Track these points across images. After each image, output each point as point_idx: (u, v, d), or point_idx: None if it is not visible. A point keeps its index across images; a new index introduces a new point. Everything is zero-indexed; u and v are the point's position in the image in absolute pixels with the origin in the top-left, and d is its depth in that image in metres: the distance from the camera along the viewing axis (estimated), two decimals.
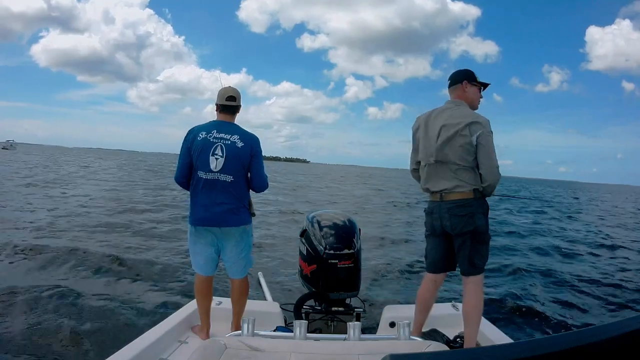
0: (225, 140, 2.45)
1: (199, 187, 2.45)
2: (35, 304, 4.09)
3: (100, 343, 3.38)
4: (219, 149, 2.43)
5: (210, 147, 2.43)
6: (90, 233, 7.79)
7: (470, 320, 2.29)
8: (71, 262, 5.73)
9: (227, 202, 2.45)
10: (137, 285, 4.99)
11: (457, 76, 2.43)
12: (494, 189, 2.28)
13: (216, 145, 2.43)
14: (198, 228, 2.51)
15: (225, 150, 2.43)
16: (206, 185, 2.44)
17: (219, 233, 2.50)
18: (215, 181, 2.43)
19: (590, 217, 18.68)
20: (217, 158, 2.42)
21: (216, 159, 2.42)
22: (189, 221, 2.55)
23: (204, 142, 2.44)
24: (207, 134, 2.46)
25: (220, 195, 2.44)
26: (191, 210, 2.52)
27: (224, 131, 2.48)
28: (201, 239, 2.53)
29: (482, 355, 0.59)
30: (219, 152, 2.43)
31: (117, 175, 26.78)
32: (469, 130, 2.21)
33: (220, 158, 2.42)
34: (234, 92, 2.58)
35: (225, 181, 2.43)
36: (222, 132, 2.47)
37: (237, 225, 2.50)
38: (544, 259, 7.83)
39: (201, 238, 2.52)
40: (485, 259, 2.33)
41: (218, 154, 2.43)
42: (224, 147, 2.43)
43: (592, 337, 0.57)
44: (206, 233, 2.51)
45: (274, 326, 2.51)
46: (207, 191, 2.44)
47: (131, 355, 1.99)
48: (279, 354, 1.30)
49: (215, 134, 2.45)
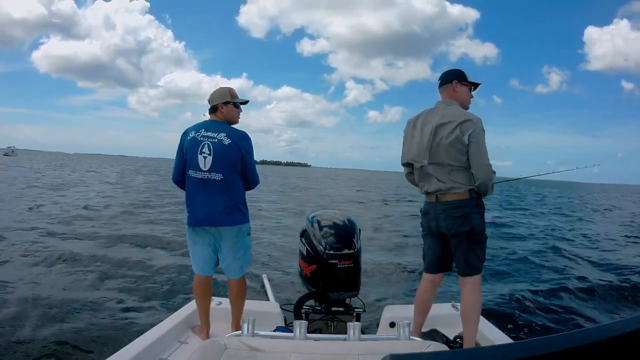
0: (212, 139, 2.45)
1: (191, 186, 2.48)
2: (35, 304, 4.09)
3: (101, 343, 3.38)
4: (206, 147, 2.43)
5: (198, 145, 2.44)
6: (90, 233, 7.80)
7: (468, 320, 2.28)
8: (71, 262, 5.73)
9: (219, 202, 2.45)
10: (137, 285, 4.99)
11: (447, 76, 2.42)
12: (489, 187, 2.26)
13: (203, 144, 2.44)
14: (195, 228, 2.52)
15: (212, 149, 2.43)
16: (198, 185, 2.45)
17: (215, 233, 2.50)
18: (206, 180, 2.44)
19: (587, 215, 18.69)
20: (205, 157, 2.42)
21: (204, 158, 2.42)
22: (186, 222, 2.57)
23: (193, 141, 2.45)
24: (195, 133, 2.47)
25: (213, 194, 2.45)
26: (187, 211, 2.54)
27: (211, 130, 2.48)
28: (198, 239, 2.53)
29: (482, 355, 0.59)
30: (206, 151, 2.43)
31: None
32: (460, 130, 2.20)
33: (208, 156, 2.42)
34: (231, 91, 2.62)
35: (215, 180, 2.44)
36: (209, 131, 2.47)
37: (231, 225, 2.50)
38: (544, 259, 7.82)
39: (198, 238, 2.53)
40: (482, 259, 2.32)
41: (205, 152, 2.43)
42: (210, 145, 2.44)
43: (592, 337, 0.57)
44: (203, 233, 2.51)
45: (274, 326, 2.51)
46: (200, 191, 2.46)
47: (131, 355, 1.98)
48: (279, 354, 1.30)
49: (203, 133, 2.47)
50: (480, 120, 2.26)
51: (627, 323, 0.59)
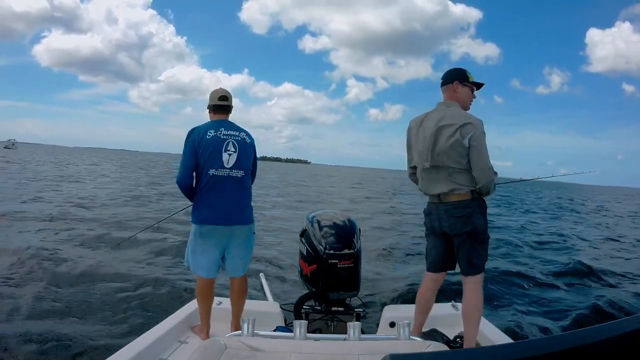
0: (236, 137, 2.51)
1: (209, 184, 2.44)
2: (34, 305, 4.09)
3: (101, 343, 3.38)
4: (231, 145, 2.48)
5: (222, 143, 2.46)
6: (88, 233, 7.79)
7: (469, 320, 2.28)
8: (70, 262, 5.73)
9: (236, 199, 2.49)
10: (137, 285, 4.98)
11: (448, 76, 2.41)
12: (490, 189, 2.27)
13: (227, 142, 2.48)
14: (206, 227, 2.47)
15: (238, 146, 2.49)
16: (216, 182, 2.44)
17: (226, 232, 2.49)
18: (226, 177, 2.46)
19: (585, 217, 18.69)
20: (230, 154, 2.47)
21: (229, 155, 2.47)
22: (194, 221, 2.50)
23: (215, 139, 2.46)
24: (215, 131, 2.48)
25: (232, 191, 2.47)
26: (198, 210, 2.48)
27: (231, 129, 2.53)
28: (207, 240, 2.48)
29: (482, 355, 0.59)
30: (232, 148, 2.48)
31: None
32: (460, 133, 2.20)
33: (234, 154, 2.48)
34: (226, 92, 2.62)
35: (236, 177, 2.48)
36: (230, 130, 2.52)
37: (245, 224, 2.53)
38: (544, 258, 7.82)
39: (207, 238, 2.48)
40: (484, 259, 2.32)
41: (231, 149, 2.48)
42: (235, 143, 2.49)
43: (592, 337, 0.57)
44: (213, 233, 2.47)
45: (274, 326, 2.51)
46: (219, 189, 2.45)
47: (131, 355, 1.98)
48: (279, 354, 1.30)
49: (224, 131, 2.50)
50: (480, 123, 2.25)
51: (627, 323, 0.59)
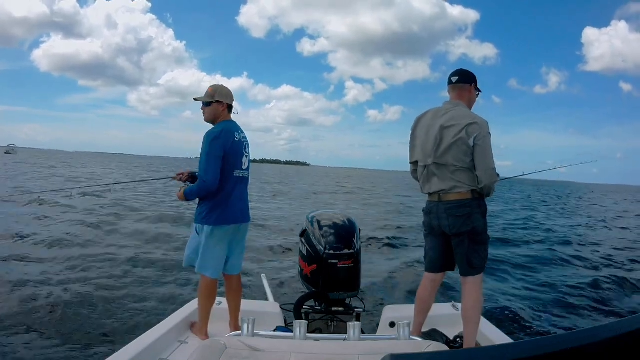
0: (246, 139, 2.61)
1: (235, 186, 2.51)
2: (33, 304, 4.10)
3: (101, 343, 3.38)
4: (247, 148, 2.59)
5: (242, 146, 2.55)
6: (89, 233, 7.79)
7: (469, 320, 2.28)
8: (69, 262, 5.73)
9: (246, 198, 2.63)
10: (137, 285, 4.98)
11: (467, 77, 2.42)
12: (492, 189, 2.27)
13: (244, 144, 2.57)
14: (222, 228, 2.46)
15: (249, 149, 2.61)
16: (238, 184, 2.53)
17: (235, 230, 2.54)
18: (243, 179, 2.57)
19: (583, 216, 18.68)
20: (247, 156, 2.58)
21: (246, 157, 2.57)
22: (210, 222, 2.44)
23: (239, 142, 2.53)
24: (238, 134, 2.54)
25: (244, 192, 2.61)
26: (219, 211, 2.44)
27: (242, 131, 2.61)
28: (220, 240, 2.48)
29: (482, 355, 0.59)
30: (247, 151, 2.59)
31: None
32: (466, 132, 2.21)
33: (248, 155, 2.59)
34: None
35: (248, 178, 2.63)
36: (242, 132, 2.60)
37: (249, 221, 2.65)
38: (544, 258, 7.82)
39: (220, 239, 2.48)
40: (483, 260, 2.32)
41: (247, 152, 2.59)
42: (247, 145, 2.60)
43: (592, 337, 0.57)
44: (225, 233, 2.50)
45: (274, 326, 2.50)
46: (239, 190, 2.54)
47: (131, 355, 1.98)
48: (279, 354, 1.30)
49: (241, 134, 2.57)
50: (486, 123, 2.26)
51: (627, 323, 0.59)
